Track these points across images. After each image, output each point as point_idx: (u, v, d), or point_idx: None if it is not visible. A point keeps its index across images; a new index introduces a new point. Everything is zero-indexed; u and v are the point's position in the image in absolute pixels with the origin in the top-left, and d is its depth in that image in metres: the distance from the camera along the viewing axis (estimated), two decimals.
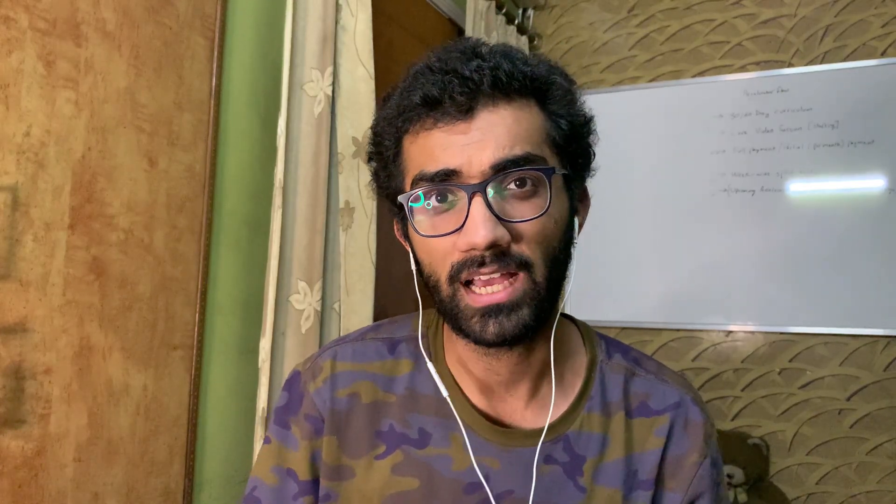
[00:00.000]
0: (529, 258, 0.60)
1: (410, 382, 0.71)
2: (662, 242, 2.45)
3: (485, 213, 0.58)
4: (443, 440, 0.69)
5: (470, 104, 0.60)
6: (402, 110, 0.63)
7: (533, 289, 0.61)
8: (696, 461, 0.70)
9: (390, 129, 0.65)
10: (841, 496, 2.19)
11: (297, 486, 0.72)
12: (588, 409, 0.70)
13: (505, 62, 0.61)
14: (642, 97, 2.53)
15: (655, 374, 0.74)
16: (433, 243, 0.62)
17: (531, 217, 0.60)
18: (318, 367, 0.73)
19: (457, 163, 0.60)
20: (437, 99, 0.60)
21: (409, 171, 0.64)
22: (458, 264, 0.60)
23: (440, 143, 0.61)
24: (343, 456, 0.70)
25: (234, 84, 1.33)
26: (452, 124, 0.60)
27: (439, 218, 0.62)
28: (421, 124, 0.62)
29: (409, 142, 0.64)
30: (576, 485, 0.68)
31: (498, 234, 0.58)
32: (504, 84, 0.60)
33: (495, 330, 0.60)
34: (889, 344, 2.18)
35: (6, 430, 0.93)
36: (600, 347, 0.74)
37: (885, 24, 2.27)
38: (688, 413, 0.71)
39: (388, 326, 0.77)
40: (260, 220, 1.38)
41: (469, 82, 0.60)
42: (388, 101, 0.67)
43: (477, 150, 0.59)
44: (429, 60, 0.64)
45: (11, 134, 0.93)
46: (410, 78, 0.64)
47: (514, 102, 0.61)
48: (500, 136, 0.60)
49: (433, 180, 0.61)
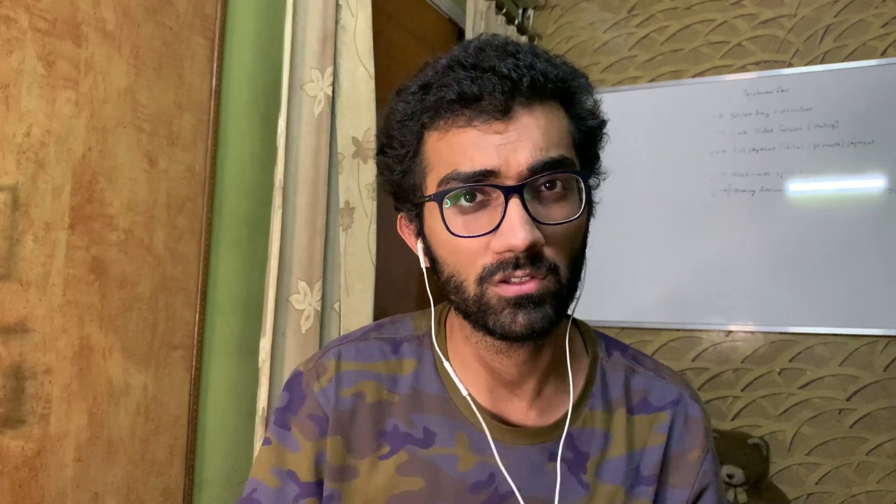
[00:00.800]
0: (556, 262, 0.60)
1: (415, 382, 0.71)
2: (662, 242, 2.45)
3: (523, 215, 0.58)
4: (448, 439, 0.69)
5: (508, 104, 0.59)
6: (430, 105, 0.61)
7: (557, 290, 0.61)
8: (698, 456, 0.71)
9: (412, 123, 0.63)
10: (841, 496, 2.19)
11: (298, 487, 0.71)
12: (590, 407, 0.70)
13: (539, 62, 0.60)
14: (642, 97, 2.53)
15: (654, 370, 0.75)
16: (461, 244, 0.61)
17: (564, 220, 0.60)
18: (322, 367, 0.72)
19: (494, 163, 0.58)
20: (475, 96, 0.59)
21: (435, 168, 0.62)
22: (492, 266, 0.60)
23: (475, 142, 0.59)
24: (348, 456, 0.70)
25: (234, 84, 1.33)
26: (489, 123, 0.59)
27: (469, 217, 0.60)
28: (453, 121, 0.60)
29: (435, 138, 0.62)
30: (579, 482, 0.68)
31: (536, 236, 0.58)
32: (541, 84, 0.60)
33: (524, 321, 0.60)
34: (889, 344, 2.18)
35: (6, 430, 0.93)
36: (600, 346, 0.75)
37: (885, 24, 2.27)
38: (687, 409, 0.73)
39: (391, 326, 0.76)
40: (260, 220, 1.38)
41: (508, 81, 0.58)
42: (405, 94, 0.64)
43: (513, 151, 0.59)
44: (459, 55, 0.62)
45: (11, 134, 0.93)
46: (439, 72, 0.62)
47: (546, 104, 0.61)
48: (536, 138, 0.59)
49: (469, 180, 0.59)
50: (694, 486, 0.71)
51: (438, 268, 0.65)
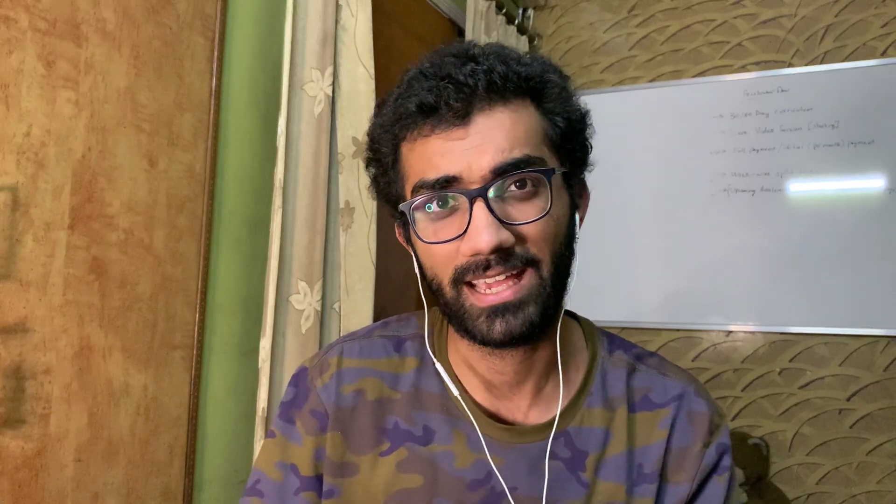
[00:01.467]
0: (536, 256, 0.61)
1: (416, 380, 0.72)
2: (662, 242, 2.45)
3: (487, 218, 0.58)
4: (447, 437, 0.69)
5: (466, 109, 0.60)
6: (398, 117, 0.63)
7: (539, 285, 0.61)
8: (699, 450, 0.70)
9: (387, 136, 0.65)
10: (841, 496, 2.19)
11: (298, 481, 0.72)
12: (588, 405, 0.70)
13: (499, 64, 0.61)
14: (642, 97, 2.53)
15: (657, 368, 0.74)
16: (436, 248, 0.62)
17: (534, 219, 0.60)
18: (326, 363, 0.74)
19: (456, 169, 0.60)
20: (432, 106, 0.60)
21: (409, 177, 0.64)
22: (462, 268, 0.61)
23: (438, 149, 0.61)
24: (348, 452, 0.71)
25: (234, 84, 1.33)
26: (450, 130, 0.60)
27: (441, 223, 0.62)
28: (418, 131, 0.62)
29: (407, 149, 0.64)
30: (578, 480, 0.68)
31: (502, 237, 0.58)
32: (499, 86, 0.60)
33: (502, 329, 0.60)
34: (889, 344, 2.18)
35: (6, 430, 0.93)
36: (602, 344, 0.75)
37: (885, 24, 2.27)
38: (691, 404, 0.72)
39: (395, 324, 0.77)
40: (260, 220, 1.38)
41: (464, 87, 0.59)
42: (384, 108, 0.66)
43: (476, 155, 0.59)
44: (422, 66, 0.63)
45: (11, 134, 0.93)
46: (405, 84, 0.63)
47: (510, 104, 0.61)
48: (499, 140, 0.60)
49: (434, 187, 0.60)
50: (694, 480, 0.70)
51: (423, 272, 0.66)
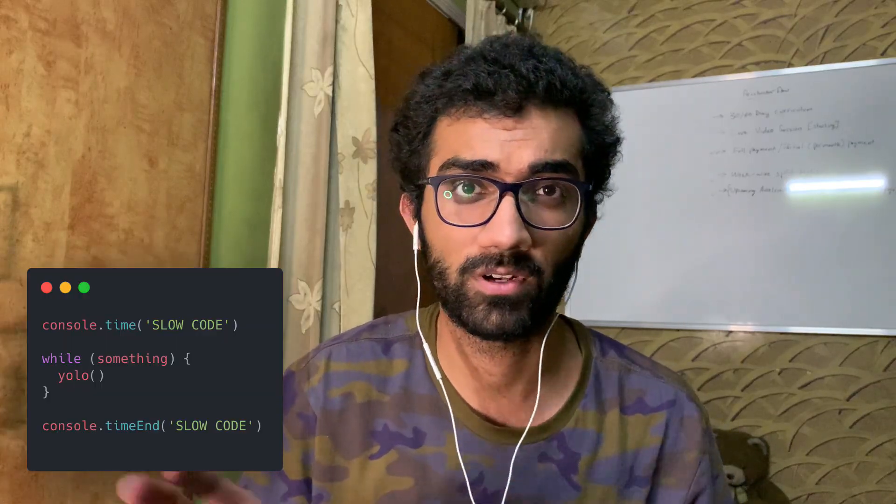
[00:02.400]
0: (542, 266, 0.61)
1: (405, 382, 0.71)
2: (662, 242, 2.45)
3: (514, 214, 0.58)
4: (437, 439, 0.69)
5: (521, 102, 0.59)
6: (446, 92, 0.62)
7: (536, 294, 0.61)
8: (695, 458, 0.71)
9: (427, 106, 0.64)
10: (841, 496, 2.19)
11: (286, 485, 0.72)
12: (583, 407, 0.70)
13: (560, 68, 0.61)
14: (642, 97, 2.53)
15: (650, 370, 0.74)
16: (452, 231, 0.61)
17: (556, 227, 0.60)
18: (314, 367, 0.73)
19: (496, 157, 0.59)
20: (489, 90, 0.59)
21: (439, 153, 0.63)
22: (475, 259, 0.60)
23: (482, 133, 0.60)
24: (337, 456, 0.70)
25: (234, 84, 1.32)
26: (499, 118, 0.60)
27: (464, 207, 0.61)
28: (465, 110, 0.61)
29: (445, 123, 0.63)
30: (570, 482, 0.68)
31: (523, 236, 0.58)
32: (557, 90, 0.60)
33: (497, 321, 0.60)
34: (889, 344, 2.18)
35: (6, 430, 0.93)
36: (595, 345, 0.75)
37: (885, 24, 2.27)
38: (683, 410, 0.72)
39: (383, 326, 0.77)
40: (260, 220, 1.38)
41: (524, 81, 0.59)
42: (428, 78, 0.65)
43: (518, 149, 0.59)
44: (484, 49, 0.63)
45: (11, 134, 0.93)
46: (461, 62, 0.63)
47: (559, 110, 0.62)
48: (543, 140, 0.60)
49: (467, 168, 0.60)
50: (690, 489, 0.70)
51: (428, 251, 0.66)
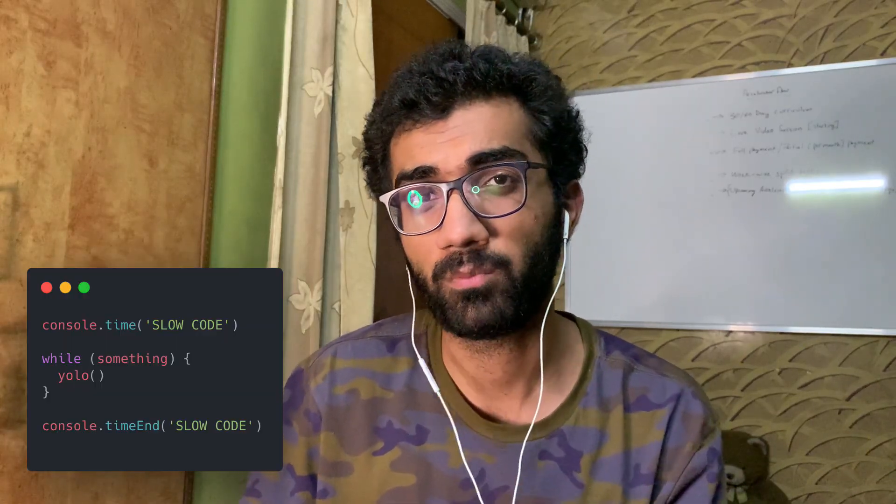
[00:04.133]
0: (506, 256, 0.61)
1: (409, 380, 0.73)
2: (662, 242, 2.45)
3: (461, 210, 0.59)
4: (440, 436, 0.70)
5: (445, 104, 0.61)
6: (386, 114, 0.66)
7: (509, 285, 0.61)
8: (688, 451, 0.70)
9: (377, 132, 0.68)
10: (841, 496, 2.19)
11: (294, 481, 0.73)
12: (583, 405, 0.70)
13: (482, 62, 0.62)
14: (642, 97, 2.53)
15: (656, 368, 0.74)
16: (417, 242, 0.64)
17: (507, 212, 0.60)
18: (320, 364, 0.75)
19: (434, 160, 0.61)
20: (413, 101, 0.62)
21: (394, 171, 0.66)
22: (441, 263, 0.62)
23: (419, 142, 0.62)
24: (342, 452, 0.72)
25: (234, 84, 1.32)
26: (430, 124, 0.62)
27: (422, 217, 0.63)
28: (402, 126, 0.64)
29: (393, 144, 0.66)
30: (572, 480, 0.68)
31: (474, 230, 0.59)
32: (479, 82, 0.62)
33: (474, 315, 0.61)
34: (889, 344, 2.18)
35: (6, 430, 0.93)
36: (598, 344, 0.75)
37: (885, 24, 2.27)
38: (687, 405, 0.71)
39: (390, 325, 0.78)
40: (260, 220, 1.38)
41: (444, 83, 0.61)
42: (377, 106, 0.69)
43: (453, 146, 0.61)
44: (410, 64, 0.66)
45: (11, 134, 0.93)
46: (393, 81, 0.66)
47: (492, 100, 0.62)
48: (478, 132, 0.61)
49: (412, 178, 0.62)
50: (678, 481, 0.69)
51: (409, 267, 0.68)
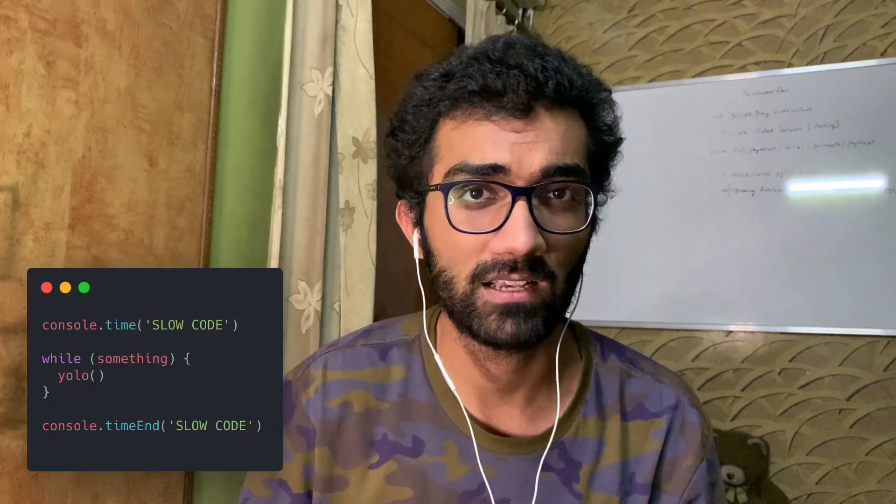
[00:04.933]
0: (556, 270, 0.59)
1: (403, 389, 0.70)
2: (662, 242, 2.45)
3: (528, 219, 0.56)
4: (437, 448, 0.68)
5: (530, 103, 0.57)
6: (449, 94, 0.60)
7: (551, 300, 0.60)
8: (692, 464, 0.69)
9: (428, 110, 0.62)
10: (841, 496, 2.19)
11: (289, 497, 0.71)
12: (583, 414, 0.69)
13: (566, 67, 0.59)
14: (642, 97, 2.53)
15: (652, 374, 0.73)
16: (461, 239, 0.59)
17: (569, 231, 0.59)
18: (310, 377, 0.71)
19: (507, 160, 0.57)
20: (498, 91, 0.57)
21: (444, 158, 0.61)
22: (487, 265, 0.58)
23: (491, 136, 0.58)
24: (336, 466, 0.69)
25: (234, 84, 1.32)
26: (507, 120, 0.58)
27: (473, 213, 0.59)
28: (471, 113, 0.59)
29: (449, 127, 0.61)
30: (571, 491, 0.67)
31: (538, 241, 0.56)
32: (565, 90, 0.59)
33: (512, 330, 0.58)
34: (889, 344, 2.18)
35: (6, 430, 0.93)
36: (595, 350, 0.73)
37: (885, 24, 2.27)
38: (685, 415, 0.71)
39: (380, 331, 0.75)
40: (260, 220, 1.38)
41: (534, 81, 0.57)
42: (425, 80, 0.63)
43: (528, 152, 0.57)
44: (487, 48, 0.60)
45: (11, 134, 0.93)
46: (463, 63, 0.60)
47: (566, 110, 0.60)
48: (554, 142, 0.58)
49: (478, 172, 0.58)
50: (683, 495, 0.69)
51: (432, 260, 0.63)
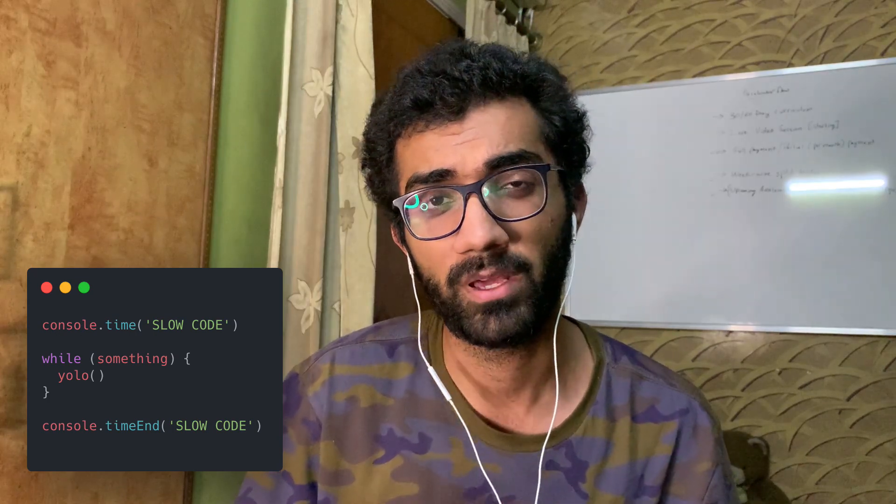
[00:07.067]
0: (528, 259, 0.60)
1: (410, 386, 0.70)
2: (662, 242, 2.45)
3: (481, 214, 0.58)
4: (443, 445, 0.68)
5: (461, 105, 0.60)
6: (393, 114, 0.63)
7: (531, 289, 0.60)
8: (708, 469, 0.69)
9: (382, 134, 0.65)
10: (841, 496, 2.19)
11: (292, 489, 0.71)
12: (592, 414, 0.69)
13: (494, 61, 0.61)
14: (642, 97, 2.53)
15: (664, 377, 0.73)
16: (430, 246, 0.61)
17: (528, 215, 0.60)
18: (317, 370, 0.72)
19: (450, 163, 0.59)
20: (427, 101, 0.60)
21: (403, 174, 0.64)
22: (458, 267, 0.60)
23: (433, 144, 0.60)
24: (342, 460, 0.70)
25: (234, 84, 1.32)
26: (444, 125, 0.60)
27: (436, 220, 0.61)
28: (413, 127, 0.62)
29: (401, 146, 0.64)
30: (577, 491, 0.67)
31: (495, 234, 0.58)
32: (494, 83, 0.60)
33: (496, 327, 0.59)
34: (889, 344, 2.18)
35: (6, 430, 0.93)
36: (606, 350, 0.73)
37: (885, 24, 2.27)
38: (696, 419, 0.71)
39: (388, 328, 0.76)
40: (260, 220, 1.38)
41: (459, 83, 0.59)
42: (380, 107, 0.67)
43: (470, 150, 0.59)
44: (418, 63, 0.64)
45: (11, 134, 0.93)
46: (401, 82, 0.64)
47: (505, 101, 0.61)
48: (494, 135, 0.60)
49: (427, 181, 0.60)
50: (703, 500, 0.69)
51: (418, 272, 0.65)
